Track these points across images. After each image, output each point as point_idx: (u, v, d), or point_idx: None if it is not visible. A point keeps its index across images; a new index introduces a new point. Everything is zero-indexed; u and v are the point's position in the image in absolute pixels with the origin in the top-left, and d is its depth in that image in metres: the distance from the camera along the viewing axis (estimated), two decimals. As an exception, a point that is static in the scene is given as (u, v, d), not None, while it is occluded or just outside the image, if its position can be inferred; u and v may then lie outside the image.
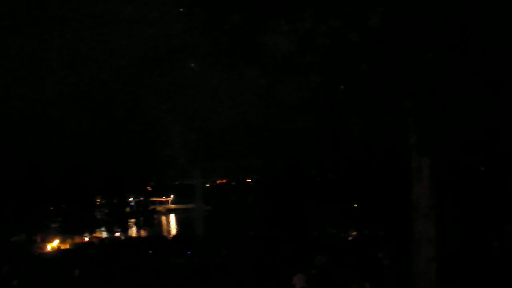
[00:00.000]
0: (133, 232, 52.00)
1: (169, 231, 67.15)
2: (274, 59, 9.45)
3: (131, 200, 52.74)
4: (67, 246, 41.12)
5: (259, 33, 9.27)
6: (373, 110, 9.97)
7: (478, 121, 10.98)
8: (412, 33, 8.51)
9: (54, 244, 42.13)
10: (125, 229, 49.78)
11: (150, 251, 31.09)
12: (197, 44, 9.85)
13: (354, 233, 35.63)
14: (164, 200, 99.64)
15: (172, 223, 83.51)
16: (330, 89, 10.17)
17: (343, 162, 32.90)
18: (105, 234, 49.41)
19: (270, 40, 9.32)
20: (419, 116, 8.94)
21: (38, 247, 40.10)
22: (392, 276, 12.64)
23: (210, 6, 9.16)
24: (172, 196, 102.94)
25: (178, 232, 65.28)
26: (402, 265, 10.48)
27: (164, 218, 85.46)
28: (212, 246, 30.64)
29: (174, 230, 71.85)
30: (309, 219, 36.52)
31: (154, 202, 68.52)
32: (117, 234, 48.24)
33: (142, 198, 52.87)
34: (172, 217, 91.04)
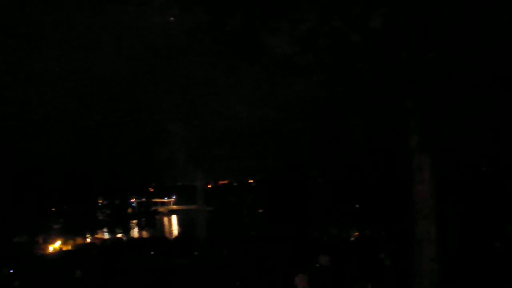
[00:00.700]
0: (135, 233, 51.96)
1: (171, 232, 67.17)
2: (276, 60, 9.47)
3: (133, 201, 52.68)
4: (69, 247, 41.11)
5: (261, 34, 9.29)
6: (374, 110, 9.99)
7: (480, 121, 10.96)
8: (413, 33, 8.52)
9: (56, 245, 42.11)
10: (127, 230, 49.68)
11: (152, 252, 31.14)
12: (198, 44, 9.86)
13: (356, 233, 35.65)
14: (166, 201, 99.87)
15: (174, 224, 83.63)
16: (332, 89, 10.19)
17: (345, 162, 32.87)
18: (107, 235, 49.43)
19: (272, 41, 9.34)
20: (420, 116, 8.96)
21: (40, 248, 40.07)
22: (393, 276, 12.63)
23: (212, 6, 9.18)
24: (174, 197, 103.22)
25: (180, 233, 65.29)
26: (403, 265, 10.49)
27: (166, 219, 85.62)
28: (213, 246, 30.70)
29: (176, 231, 71.90)
30: (310, 220, 36.50)
31: (156, 203, 68.58)
32: (119, 235, 48.20)
33: (144, 199, 52.80)
34: (174, 218, 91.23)
